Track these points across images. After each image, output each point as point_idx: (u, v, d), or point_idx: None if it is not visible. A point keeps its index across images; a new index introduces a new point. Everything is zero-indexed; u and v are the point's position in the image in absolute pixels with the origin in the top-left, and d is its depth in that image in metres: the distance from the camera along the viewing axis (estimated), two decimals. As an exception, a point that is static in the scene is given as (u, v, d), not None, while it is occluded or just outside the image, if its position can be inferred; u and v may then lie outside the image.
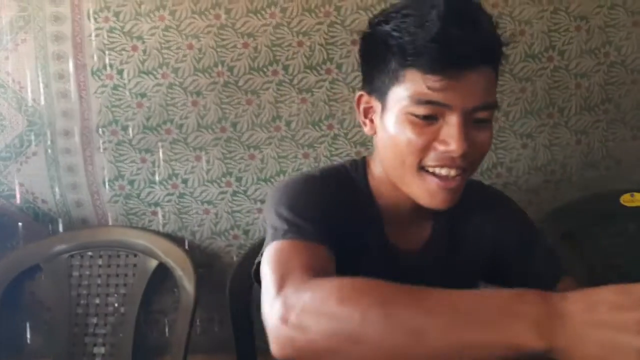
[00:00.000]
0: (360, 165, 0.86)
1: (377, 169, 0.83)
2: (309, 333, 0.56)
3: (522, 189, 1.32)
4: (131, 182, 1.31)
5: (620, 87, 1.29)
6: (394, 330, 0.54)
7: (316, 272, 0.65)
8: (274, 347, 0.58)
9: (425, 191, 0.75)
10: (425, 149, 0.72)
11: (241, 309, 1.19)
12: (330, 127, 1.29)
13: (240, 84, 1.26)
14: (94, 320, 1.30)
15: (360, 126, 1.27)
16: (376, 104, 0.78)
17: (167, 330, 1.34)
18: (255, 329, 1.18)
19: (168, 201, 1.32)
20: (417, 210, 0.81)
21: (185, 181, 1.31)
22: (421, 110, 0.71)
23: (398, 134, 0.74)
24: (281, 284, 0.63)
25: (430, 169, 0.73)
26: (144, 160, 1.30)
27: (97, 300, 1.31)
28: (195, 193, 1.31)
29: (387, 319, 0.54)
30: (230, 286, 1.20)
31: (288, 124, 1.28)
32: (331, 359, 0.57)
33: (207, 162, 1.30)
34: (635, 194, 1.28)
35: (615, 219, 1.30)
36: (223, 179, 1.30)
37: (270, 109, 1.27)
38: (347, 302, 0.56)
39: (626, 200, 1.29)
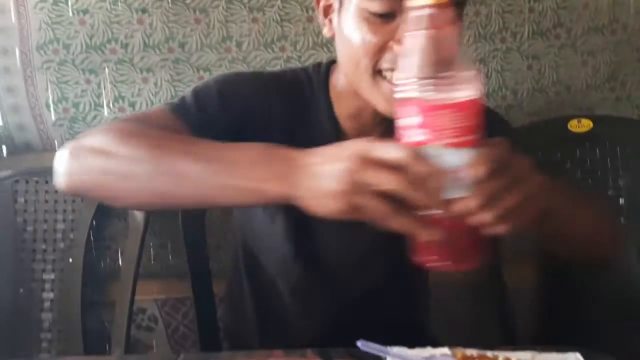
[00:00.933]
0: (323, 71, 0.83)
1: (340, 75, 0.81)
2: (84, 167, 0.63)
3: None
4: (76, 105, 1.26)
5: (572, 12, 1.29)
6: (159, 171, 0.59)
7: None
8: (55, 178, 0.65)
9: (382, 97, 0.72)
10: (380, 49, 0.69)
11: (194, 236, 1.19)
12: (282, 49, 1.26)
13: (187, 1, 1.21)
14: (43, 246, 1.28)
15: (314, 49, 1.27)
16: (335, 1, 0.75)
17: (117, 256, 1.33)
18: (210, 255, 1.18)
19: (115, 125, 1.28)
20: (383, 122, 0.78)
21: (132, 104, 1.27)
22: (376, 6, 0.67)
23: (352, 33, 0.71)
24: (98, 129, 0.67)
25: (386, 74, 0.70)
26: (88, 82, 1.25)
27: (45, 226, 1.28)
28: (140, 114, 1.28)
29: (154, 160, 0.59)
30: (183, 212, 1.19)
31: (239, 45, 1.25)
32: (104, 194, 0.63)
33: (155, 84, 1.26)
34: (582, 119, 1.31)
35: (563, 144, 1.33)
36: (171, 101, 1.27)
37: (220, 29, 1.23)
38: (123, 142, 0.61)
39: (573, 126, 1.31)
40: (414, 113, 0.52)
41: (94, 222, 1.26)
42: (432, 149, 0.51)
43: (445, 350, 0.59)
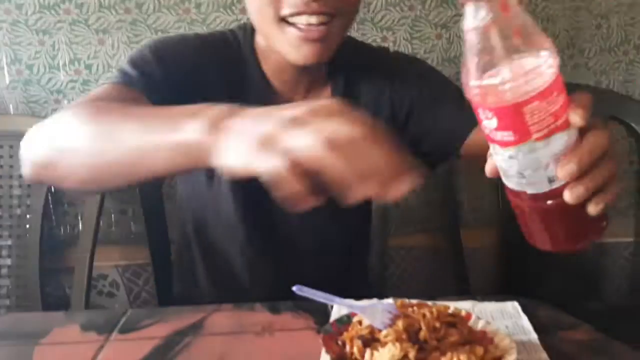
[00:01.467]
0: (249, 31, 0.83)
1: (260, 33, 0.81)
2: (36, 148, 0.61)
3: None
4: (30, 67, 1.23)
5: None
6: (98, 137, 0.57)
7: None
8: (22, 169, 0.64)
9: (288, 44, 0.71)
10: None
11: (152, 203, 1.18)
12: (243, 11, 1.24)
13: (144, -40, 1.18)
14: (-1, 212, 1.25)
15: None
16: None
17: (76, 221, 1.31)
18: (168, 221, 1.18)
19: (72, 88, 1.25)
20: (307, 74, 0.80)
21: (89, 67, 1.24)
22: None
23: None
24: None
25: (290, 19, 0.70)
26: (42, 43, 1.21)
27: (0, 192, 1.26)
28: (100, 80, 1.24)
29: (96, 127, 0.58)
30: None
31: (198, 6, 1.22)
32: (55, 168, 0.60)
33: (112, 46, 1.23)
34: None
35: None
36: (130, 64, 1.24)
37: (178, -11, 1.21)
38: (72, 118, 0.60)
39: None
40: (493, 116, 0.45)
41: (51, 188, 1.24)
42: (523, 147, 0.45)
43: (389, 300, 0.60)
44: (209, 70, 0.79)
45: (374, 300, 0.62)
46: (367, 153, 0.43)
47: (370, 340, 0.52)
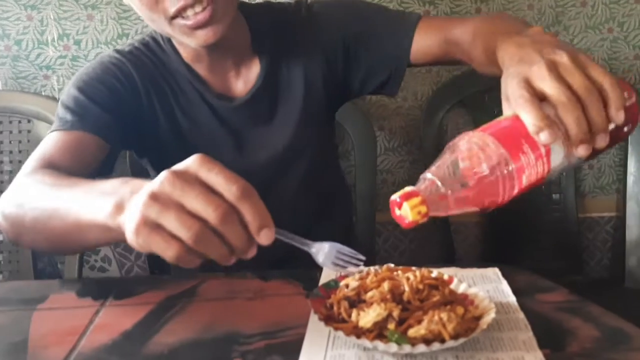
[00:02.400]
0: None
1: None
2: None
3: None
4: (18, 42, 1.22)
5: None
6: (45, 213, 0.61)
7: (60, 162, 0.73)
8: None
9: (185, 35, 0.75)
10: (156, 2, 0.72)
11: (144, 176, 1.18)
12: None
13: None
14: (-10, 188, 1.26)
15: None
16: None
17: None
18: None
19: (61, 64, 1.25)
20: (227, 53, 0.83)
21: (78, 42, 1.24)
22: None
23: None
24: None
25: (179, 14, 0.73)
26: (30, 18, 1.21)
27: (-9, 168, 1.26)
28: (89, 56, 1.25)
29: (43, 205, 0.62)
30: (130, 153, 1.19)
31: (187, -18, 1.22)
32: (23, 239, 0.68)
33: (101, 22, 1.23)
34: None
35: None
36: (119, 40, 1.24)
37: (167, -36, 1.20)
38: (24, 191, 0.66)
39: (519, 69, 1.35)
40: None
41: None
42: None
43: (376, 267, 0.63)
44: (138, 83, 0.84)
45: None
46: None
47: (357, 302, 0.54)
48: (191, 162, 0.48)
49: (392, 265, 0.61)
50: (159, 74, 0.85)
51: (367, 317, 0.51)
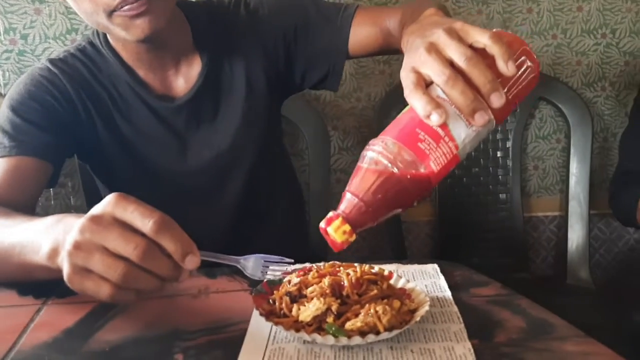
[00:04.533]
0: (102, 33, 0.85)
1: None
2: None
3: (375, 59, 1.37)
4: (-39, 36, 1.19)
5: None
6: None
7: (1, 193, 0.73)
8: None
9: (121, 29, 0.74)
10: (96, 3, 0.72)
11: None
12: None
13: None
14: None
15: None
16: None
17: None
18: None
19: (7, 59, 1.22)
20: (166, 49, 0.83)
21: (25, 37, 1.21)
22: None
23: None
24: None
25: (118, 7, 0.72)
26: (-26, 11, 1.18)
27: None
28: (37, 51, 1.22)
29: None
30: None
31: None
32: None
33: (49, 16, 1.20)
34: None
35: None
36: (67, 35, 1.22)
37: (119, -40, 1.19)
38: None
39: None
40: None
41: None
42: None
43: (320, 264, 0.64)
44: (72, 95, 0.83)
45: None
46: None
47: (298, 297, 0.55)
48: (106, 204, 0.50)
49: (337, 262, 0.63)
50: (95, 81, 0.84)
51: (307, 312, 0.52)
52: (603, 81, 1.44)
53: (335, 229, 0.50)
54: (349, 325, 0.51)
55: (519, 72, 0.52)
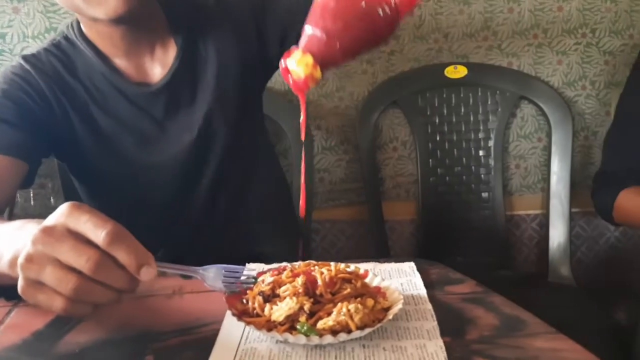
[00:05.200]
0: (76, 24, 0.85)
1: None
2: None
3: (358, 58, 1.38)
4: (-63, 35, 1.17)
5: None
6: None
7: None
8: None
9: (95, 5, 0.73)
10: None
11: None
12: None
13: None
14: None
15: None
16: None
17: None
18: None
19: (-16, 58, 1.20)
20: (141, 35, 0.83)
21: (3, 36, 1.19)
22: None
23: None
24: None
25: None
26: (-50, 10, 1.16)
27: None
28: (15, 50, 1.21)
29: None
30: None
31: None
32: None
33: (27, 15, 1.19)
34: (458, 66, 1.40)
35: (440, 90, 1.42)
36: (46, 34, 1.21)
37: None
38: None
39: (450, 72, 1.40)
40: None
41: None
42: None
43: (296, 263, 0.64)
44: (46, 91, 0.82)
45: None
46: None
47: (271, 296, 0.55)
48: (59, 214, 0.49)
49: (313, 261, 0.63)
50: (70, 75, 0.84)
51: (280, 311, 0.52)
52: (583, 80, 1.45)
53: (297, 62, 0.48)
54: (320, 324, 0.51)
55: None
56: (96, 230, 0.47)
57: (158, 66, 0.86)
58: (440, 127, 1.42)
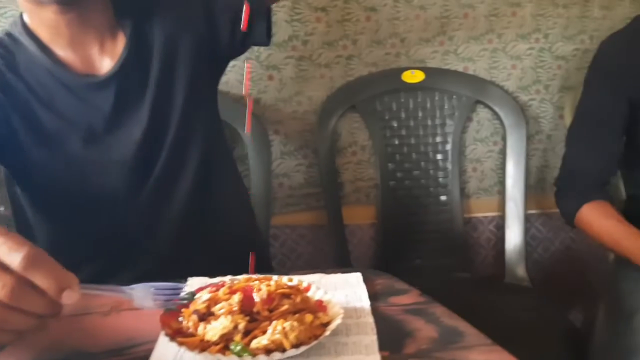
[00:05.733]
0: (19, 21, 0.83)
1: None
2: None
3: (316, 63, 1.37)
4: None
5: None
6: None
7: None
8: None
9: None
10: None
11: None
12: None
13: None
14: None
15: None
16: None
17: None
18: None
19: None
20: (87, 27, 0.81)
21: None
22: None
23: None
24: None
25: None
26: None
27: None
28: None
29: None
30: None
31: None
32: None
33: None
34: (415, 71, 1.41)
35: (397, 94, 1.42)
36: None
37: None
38: None
39: (407, 77, 1.41)
40: None
41: None
42: None
43: (237, 277, 0.63)
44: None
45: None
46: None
47: (207, 315, 0.54)
48: None
49: (253, 275, 0.62)
50: (10, 72, 0.81)
51: (213, 330, 0.51)
52: (537, 84, 1.47)
53: None
54: (254, 343, 0.50)
55: None
56: (11, 254, 0.45)
57: (107, 58, 0.84)
58: (398, 131, 1.43)
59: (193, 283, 0.67)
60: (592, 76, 1.10)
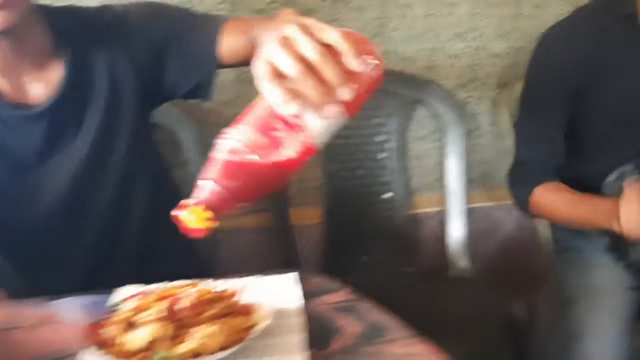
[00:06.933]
0: None
1: None
2: None
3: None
4: None
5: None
6: None
7: None
8: None
9: None
10: None
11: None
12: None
13: None
14: None
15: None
16: None
17: None
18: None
19: None
20: (23, 52, 0.79)
21: None
22: None
23: None
24: None
25: None
26: None
27: None
28: None
29: None
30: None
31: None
32: None
33: None
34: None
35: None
36: None
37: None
38: None
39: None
40: None
41: None
42: None
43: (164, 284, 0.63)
44: None
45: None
46: None
47: (131, 324, 0.54)
48: None
49: (177, 283, 0.62)
50: None
51: (136, 339, 0.51)
52: (475, 82, 1.52)
53: (198, 217, 0.50)
54: (181, 348, 0.50)
55: (365, 68, 0.55)
56: None
57: (41, 87, 0.82)
58: (342, 131, 1.43)
59: (121, 293, 0.67)
60: (535, 68, 1.12)
